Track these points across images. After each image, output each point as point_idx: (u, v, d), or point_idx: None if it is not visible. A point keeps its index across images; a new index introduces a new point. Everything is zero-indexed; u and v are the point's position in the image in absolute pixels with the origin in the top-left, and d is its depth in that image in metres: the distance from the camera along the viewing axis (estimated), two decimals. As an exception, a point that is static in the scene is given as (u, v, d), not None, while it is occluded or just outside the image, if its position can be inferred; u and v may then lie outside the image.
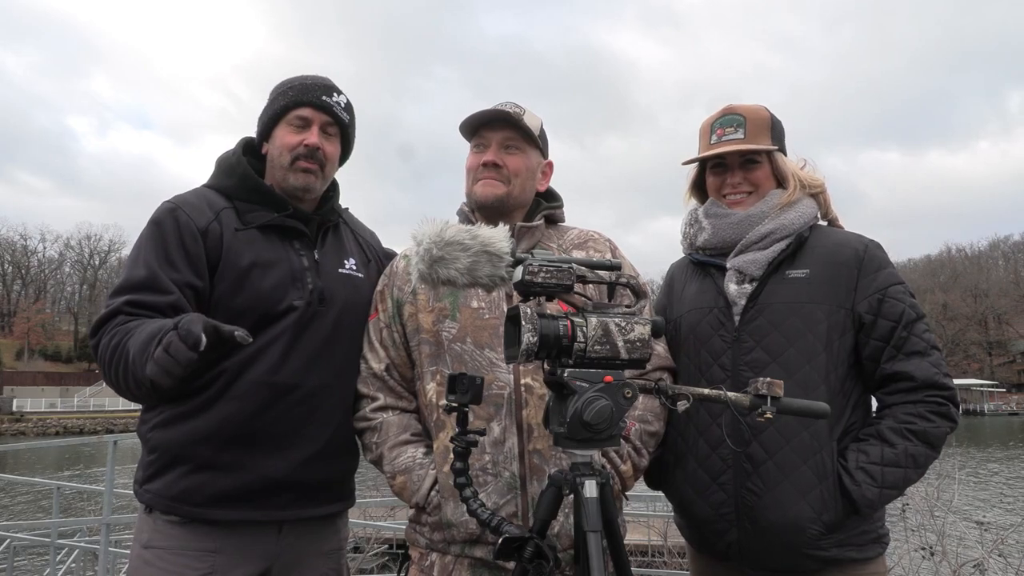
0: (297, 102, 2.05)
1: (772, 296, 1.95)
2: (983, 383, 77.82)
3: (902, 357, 1.89)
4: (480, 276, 1.56)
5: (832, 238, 2.02)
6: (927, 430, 1.85)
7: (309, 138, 2.03)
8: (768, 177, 2.08)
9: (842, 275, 1.93)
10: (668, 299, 2.22)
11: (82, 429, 52.37)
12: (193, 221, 1.92)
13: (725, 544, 1.93)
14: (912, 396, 1.87)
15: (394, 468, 1.92)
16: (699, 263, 2.14)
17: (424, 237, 1.55)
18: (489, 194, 1.96)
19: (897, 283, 1.94)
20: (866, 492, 1.83)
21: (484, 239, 1.55)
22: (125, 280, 1.89)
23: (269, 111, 2.09)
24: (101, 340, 1.81)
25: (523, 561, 1.53)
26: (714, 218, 2.09)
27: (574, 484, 1.55)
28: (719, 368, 1.97)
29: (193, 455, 1.86)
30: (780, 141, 2.11)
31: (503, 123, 1.97)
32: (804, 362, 1.88)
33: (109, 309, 1.84)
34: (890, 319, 1.90)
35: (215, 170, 2.10)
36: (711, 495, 1.93)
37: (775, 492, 1.85)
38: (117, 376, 1.77)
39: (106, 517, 4.70)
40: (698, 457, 1.97)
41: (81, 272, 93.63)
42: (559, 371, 1.55)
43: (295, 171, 2.03)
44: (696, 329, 2.04)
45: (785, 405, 1.59)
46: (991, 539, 4.67)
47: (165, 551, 1.87)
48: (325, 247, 2.10)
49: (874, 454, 1.85)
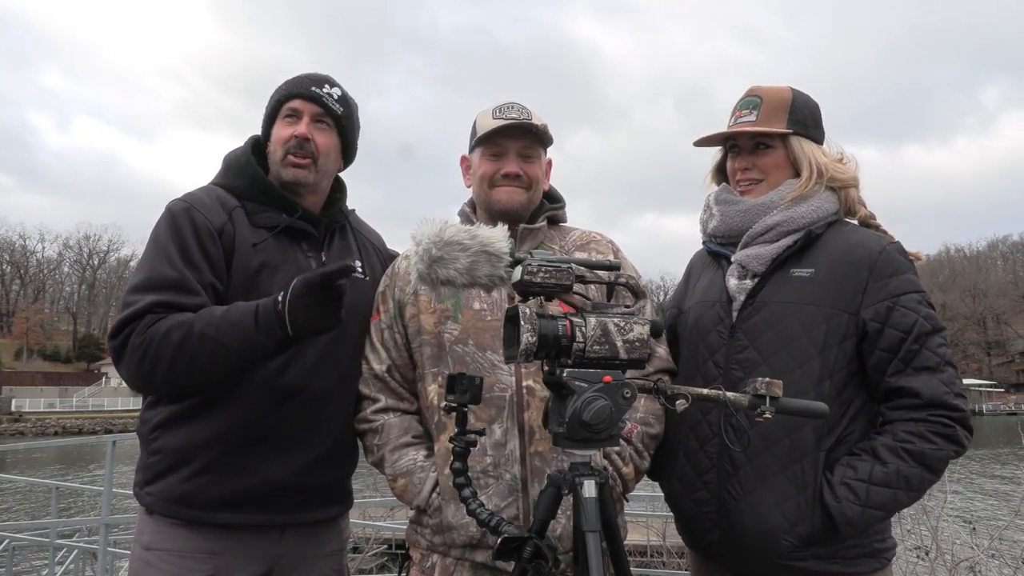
0: (288, 95, 2.04)
1: (772, 294, 1.87)
2: (982, 383, 77.87)
3: (910, 372, 1.76)
4: (479, 276, 1.56)
5: (849, 237, 1.88)
6: (925, 451, 1.72)
7: (298, 129, 2.01)
8: (781, 164, 1.96)
9: (850, 277, 1.81)
10: (684, 289, 2.17)
11: (81, 429, 52.26)
12: (209, 221, 1.91)
13: (708, 543, 1.90)
14: (915, 414, 1.74)
15: (395, 471, 1.92)
16: (713, 253, 2.07)
17: (423, 237, 1.55)
18: (515, 201, 1.96)
19: (912, 291, 1.80)
20: (846, 509, 1.72)
21: (483, 239, 1.55)
22: (148, 278, 1.84)
23: (267, 109, 2.10)
24: (131, 338, 1.77)
25: (522, 561, 1.53)
26: (723, 204, 2.01)
27: (573, 484, 1.55)
28: (713, 364, 1.92)
29: (196, 458, 1.86)
30: (803, 125, 1.96)
31: (520, 131, 1.95)
32: (795, 366, 1.80)
33: (136, 307, 1.79)
34: (899, 329, 1.77)
35: (223, 169, 2.09)
36: (696, 492, 1.90)
37: (751, 497, 1.80)
38: (175, 364, 1.74)
39: (105, 517, 4.70)
40: (687, 452, 1.93)
41: (80, 272, 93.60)
42: (558, 371, 1.56)
43: (286, 165, 2.01)
44: (699, 323, 1.99)
45: (784, 405, 1.57)
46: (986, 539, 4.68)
47: (167, 553, 1.86)
48: (332, 249, 2.10)
49: (862, 470, 1.74)
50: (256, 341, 1.75)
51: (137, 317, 1.79)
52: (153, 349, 1.75)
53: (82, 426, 53.31)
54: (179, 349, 1.74)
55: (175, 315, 1.78)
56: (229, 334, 1.75)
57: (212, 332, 1.74)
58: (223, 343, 1.74)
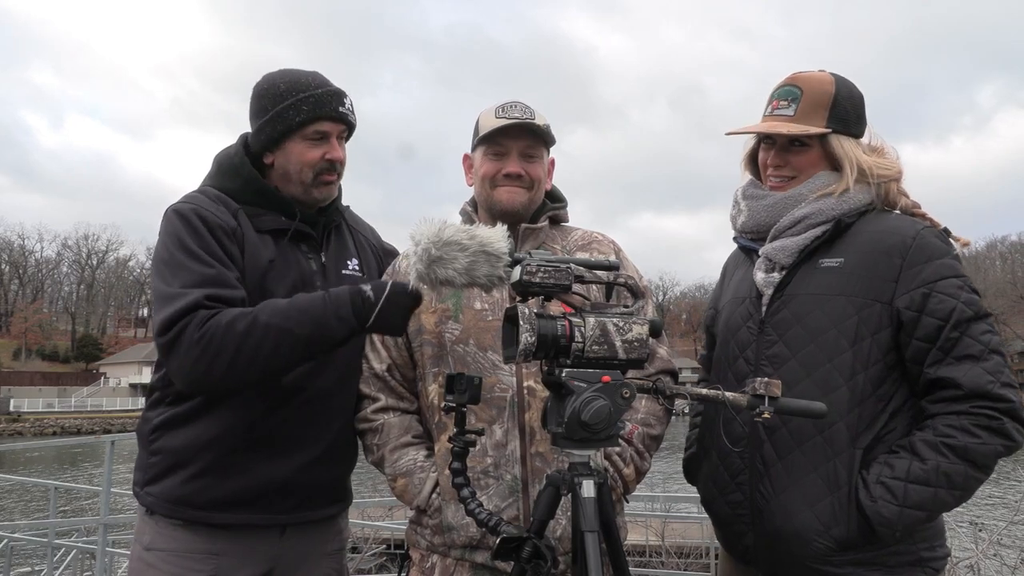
0: (315, 116, 1.95)
1: (800, 287, 1.78)
2: (980, 383, 77.89)
3: (950, 361, 1.64)
4: (478, 276, 1.56)
5: (883, 224, 1.77)
6: (968, 446, 1.59)
7: (333, 153, 1.98)
8: (816, 162, 1.85)
9: (881, 265, 1.70)
10: (720, 288, 2.10)
11: (79, 429, 52.33)
12: (221, 220, 1.89)
13: (743, 547, 1.83)
14: (957, 406, 1.62)
15: (395, 471, 1.92)
16: (744, 249, 2.00)
17: (422, 237, 1.55)
18: (516, 202, 1.95)
19: (951, 276, 1.67)
20: (882, 509, 1.61)
21: (482, 239, 1.55)
22: (188, 275, 1.78)
23: (281, 123, 1.95)
24: (185, 332, 1.72)
25: (521, 561, 1.53)
26: (751, 199, 1.93)
27: (572, 484, 1.55)
28: (744, 361, 1.85)
29: (197, 459, 1.86)
30: (843, 121, 1.84)
31: (523, 131, 1.94)
32: (825, 359, 1.71)
33: (186, 301, 1.73)
34: (937, 317, 1.65)
35: (216, 171, 2.04)
36: (730, 494, 1.83)
37: (782, 498, 1.72)
38: (239, 354, 1.71)
39: (104, 517, 4.69)
40: (720, 453, 1.86)
41: (79, 272, 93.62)
42: (557, 371, 1.56)
43: (318, 185, 2.00)
44: (730, 320, 1.94)
45: (783, 405, 1.56)
46: (985, 539, 4.68)
47: (167, 553, 1.86)
48: (329, 249, 2.09)
49: (900, 468, 1.63)
50: (329, 327, 1.76)
51: (189, 311, 1.74)
52: (217, 340, 1.71)
53: (80, 426, 53.36)
54: (244, 338, 1.71)
55: (230, 309, 1.76)
56: (298, 320, 1.75)
57: (279, 320, 1.74)
58: (291, 330, 1.74)
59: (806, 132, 1.81)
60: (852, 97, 1.87)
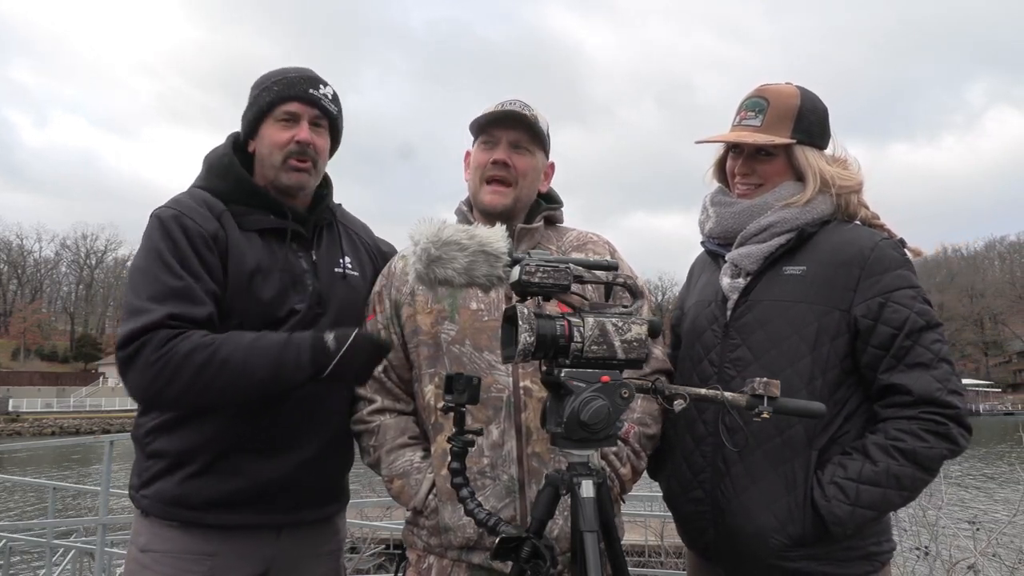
0: (283, 97, 1.98)
1: (764, 293, 1.86)
2: (979, 383, 78.04)
3: (902, 368, 1.73)
4: (477, 276, 1.55)
5: (843, 235, 1.86)
6: (917, 450, 1.69)
7: (300, 133, 1.97)
8: (782, 171, 1.94)
9: (841, 274, 1.79)
10: (686, 289, 2.18)
11: (78, 429, 52.25)
12: (202, 227, 1.87)
13: (704, 543, 1.90)
14: (907, 412, 1.72)
15: (392, 472, 1.92)
16: (711, 253, 2.07)
17: (421, 237, 1.54)
18: (497, 203, 1.96)
19: (906, 287, 1.77)
20: (835, 508, 1.70)
21: (481, 239, 1.55)
22: (155, 288, 1.78)
23: (254, 108, 2.01)
24: (143, 352, 1.71)
25: (520, 561, 1.53)
26: (719, 206, 2.00)
27: (571, 484, 1.55)
28: (708, 363, 1.92)
29: (191, 460, 1.85)
30: (808, 133, 1.92)
31: (514, 122, 1.96)
32: (787, 364, 1.79)
33: (149, 319, 1.73)
34: (891, 326, 1.74)
35: (205, 171, 2.04)
36: (692, 491, 1.90)
37: (742, 497, 1.79)
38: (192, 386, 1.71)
39: (103, 518, 4.69)
40: (684, 451, 1.93)
41: (77, 272, 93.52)
42: (556, 371, 1.55)
43: (287, 170, 1.97)
44: (695, 322, 2.00)
45: (781, 405, 1.57)
46: (984, 539, 4.68)
47: (163, 555, 1.86)
48: (320, 247, 2.08)
49: (852, 469, 1.72)
50: (286, 371, 1.74)
51: (150, 329, 1.73)
52: (171, 367, 1.70)
53: (80, 426, 53.29)
54: (200, 370, 1.70)
55: (195, 334, 1.74)
56: (257, 362, 1.73)
57: (239, 357, 1.72)
58: (247, 371, 1.73)
59: (772, 142, 1.90)
60: (816, 110, 1.96)
